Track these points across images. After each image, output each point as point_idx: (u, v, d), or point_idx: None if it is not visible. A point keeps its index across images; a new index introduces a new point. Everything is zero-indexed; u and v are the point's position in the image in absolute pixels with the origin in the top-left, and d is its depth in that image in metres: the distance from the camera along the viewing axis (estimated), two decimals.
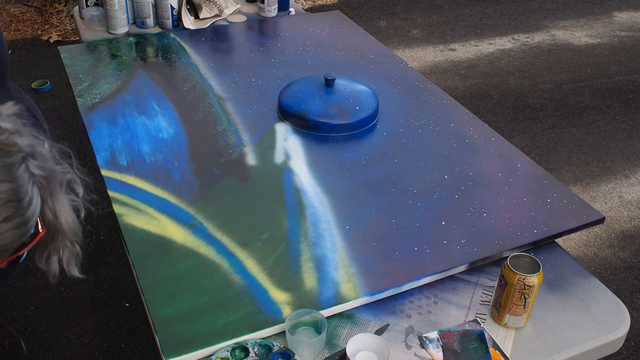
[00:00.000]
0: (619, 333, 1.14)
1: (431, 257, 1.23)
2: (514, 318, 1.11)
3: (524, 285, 1.06)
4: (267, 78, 1.85)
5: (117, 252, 2.46)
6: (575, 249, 2.61)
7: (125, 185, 1.37)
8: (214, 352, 1.03)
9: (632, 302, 2.37)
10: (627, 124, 3.52)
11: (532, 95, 3.77)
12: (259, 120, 1.64)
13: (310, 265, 1.20)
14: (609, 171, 3.12)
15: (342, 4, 4.84)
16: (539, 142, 3.31)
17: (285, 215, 1.32)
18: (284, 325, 1.05)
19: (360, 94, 1.69)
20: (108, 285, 2.30)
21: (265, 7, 2.28)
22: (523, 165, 1.52)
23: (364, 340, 1.03)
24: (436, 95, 1.82)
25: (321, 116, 1.60)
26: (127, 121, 1.59)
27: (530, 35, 4.55)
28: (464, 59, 4.16)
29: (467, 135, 1.63)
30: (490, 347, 1.08)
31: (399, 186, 1.42)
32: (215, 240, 1.24)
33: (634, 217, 2.82)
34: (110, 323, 2.15)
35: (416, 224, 1.31)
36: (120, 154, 1.47)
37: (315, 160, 1.50)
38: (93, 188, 0.95)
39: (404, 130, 1.64)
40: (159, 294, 1.12)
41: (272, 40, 2.10)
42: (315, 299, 1.13)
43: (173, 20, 2.13)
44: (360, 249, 1.24)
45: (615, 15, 4.98)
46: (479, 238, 1.28)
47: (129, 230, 1.25)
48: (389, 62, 2.00)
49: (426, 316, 1.14)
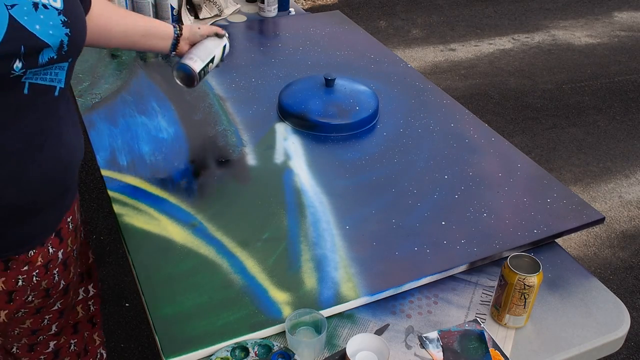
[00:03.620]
0: (619, 333, 1.14)
1: (431, 257, 1.23)
2: (514, 318, 1.11)
3: (524, 285, 1.06)
4: (267, 78, 1.85)
5: (117, 252, 2.46)
6: (575, 249, 2.62)
7: (125, 185, 1.37)
8: (214, 352, 1.03)
9: (632, 302, 2.37)
10: (627, 124, 3.53)
11: (532, 95, 3.77)
12: (259, 120, 1.64)
13: (310, 265, 1.20)
14: (609, 171, 3.12)
15: (342, 4, 4.85)
16: (539, 142, 3.31)
17: (285, 215, 1.32)
18: (284, 325, 1.05)
19: (360, 94, 1.69)
20: (108, 285, 2.30)
21: (265, 7, 2.28)
22: (523, 165, 1.52)
23: (364, 340, 1.03)
24: (436, 95, 1.82)
25: (321, 116, 1.60)
26: (127, 121, 1.59)
27: (530, 35, 4.55)
28: (464, 59, 4.16)
29: (467, 135, 1.63)
30: (490, 347, 1.08)
31: (399, 186, 1.42)
32: (215, 240, 1.24)
33: (634, 217, 2.82)
34: (110, 323, 2.15)
35: (416, 224, 1.31)
36: (120, 154, 1.47)
37: (315, 160, 1.50)
38: None
39: (404, 130, 1.64)
40: (159, 294, 1.12)
41: (272, 40, 2.10)
42: (315, 299, 1.13)
43: (173, 20, 2.13)
44: (360, 249, 1.24)
45: (615, 15, 4.99)
46: (479, 238, 1.28)
47: (129, 230, 1.25)
48: (389, 62, 2.00)
49: (426, 316, 1.14)
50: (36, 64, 0.90)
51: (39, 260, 1.07)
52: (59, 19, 0.93)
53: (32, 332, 1.17)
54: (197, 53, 1.41)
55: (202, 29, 1.43)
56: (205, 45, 1.43)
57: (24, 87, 0.90)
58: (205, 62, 1.41)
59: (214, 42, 1.45)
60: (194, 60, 1.39)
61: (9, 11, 0.86)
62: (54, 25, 0.92)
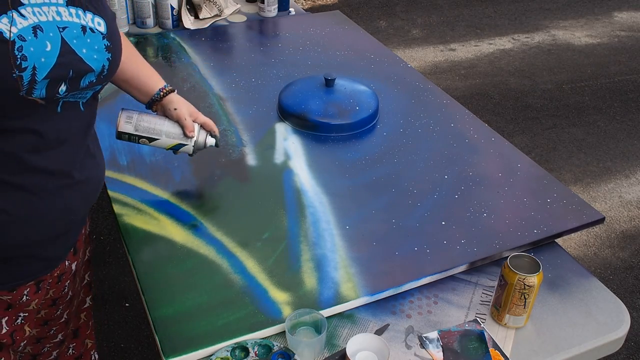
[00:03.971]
0: (619, 333, 1.14)
1: (431, 257, 1.23)
2: (514, 318, 1.11)
3: (524, 285, 1.06)
4: (267, 78, 1.85)
5: (117, 252, 2.46)
6: (575, 249, 2.62)
7: (125, 185, 1.37)
8: (214, 352, 1.03)
9: (632, 302, 2.37)
10: (627, 124, 3.53)
11: (532, 95, 3.77)
12: (259, 120, 1.64)
13: (310, 265, 1.20)
14: (609, 171, 3.12)
15: (342, 4, 4.85)
16: (539, 142, 3.31)
17: (285, 215, 1.32)
18: (284, 325, 1.05)
19: (360, 94, 1.69)
20: (108, 285, 2.30)
21: (265, 7, 2.28)
22: (523, 165, 1.52)
23: (364, 340, 1.03)
24: (436, 95, 1.82)
25: (321, 116, 1.60)
26: None
27: (530, 35, 4.55)
28: (464, 59, 4.16)
29: (467, 135, 1.63)
30: (490, 347, 1.08)
31: (399, 186, 1.42)
32: (215, 240, 1.24)
33: (634, 217, 2.82)
34: (110, 323, 2.15)
35: (416, 224, 1.31)
36: (120, 154, 1.47)
37: (315, 160, 1.50)
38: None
39: (404, 130, 1.64)
40: (159, 294, 1.12)
41: (272, 40, 2.10)
42: (315, 299, 1.13)
43: (173, 20, 2.13)
44: (360, 249, 1.24)
45: (615, 15, 4.99)
46: (479, 238, 1.28)
47: (129, 230, 1.25)
48: (389, 62, 2.00)
49: (426, 316, 1.14)
50: (77, 87, 0.90)
51: (56, 273, 1.08)
52: (103, 44, 0.93)
53: (36, 341, 1.16)
54: (142, 122, 1.27)
55: (178, 111, 1.27)
56: (159, 125, 1.28)
57: (58, 105, 0.90)
58: (137, 132, 1.27)
59: (172, 131, 1.28)
60: (127, 122, 1.27)
61: (61, 34, 0.86)
62: (98, 50, 0.92)
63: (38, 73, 0.83)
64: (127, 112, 1.28)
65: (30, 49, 0.82)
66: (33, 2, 0.84)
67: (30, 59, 0.81)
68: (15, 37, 0.80)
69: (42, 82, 0.84)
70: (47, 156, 0.91)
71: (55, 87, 0.86)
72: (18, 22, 0.81)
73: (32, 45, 0.82)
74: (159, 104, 1.30)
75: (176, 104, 1.29)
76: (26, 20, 0.82)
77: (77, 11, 0.90)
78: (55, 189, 0.95)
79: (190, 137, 1.30)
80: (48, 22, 0.85)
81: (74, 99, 0.93)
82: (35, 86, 0.83)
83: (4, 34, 0.80)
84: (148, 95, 1.28)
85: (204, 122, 1.32)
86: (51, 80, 0.85)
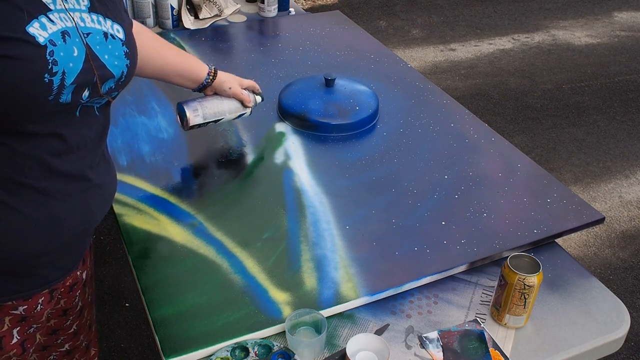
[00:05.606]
0: (619, 333, 1.14)
1: (431, 257, 1.23)
2: (514, 318, 1.11)
3: (524, 285, 1.06)
4: (267, 78, 1.85)
5: (117, 252, 2.47)
6: (575, 249, 2.62)
7: (125, 185, 1.37)
8: (214, 352, 1.03)
9: (632, 302, 2.37)
10: (627, 124, 3.53)
11: (532, 95, 3.77)
12: (259, 120, 1.64)
13: (310, 265, 1.20)
14: (609, 171, 3.12)
15: (342, 4, 4.85)
16: (539, 142, 3.31)
17: (285, 215, 1.32)
18: (284, 325, 1.05)
19: (360, 94, 1.69)
20: (108, 285, 2.30)
21: (265, 7, 2.28)
22: (523, 165, 1.52)
23: (364, 340, 1.03)
24: (436, 95, 1.82)
25: (321, 116, 1.60)
26: (127, 121, 1.59)
27: (530, 35, 4.55)
28: (464, 59, 4.16)
29: (467, 135, 1.63)
30: (490, 347, 1.08)
31: (399, 186, 1.42)
32: (215, 240, 1.24)
33: (634, 217, 2.82)
34: (110, 323, 2.15)
35: (416, 224, 1.31)
36: (120, 154, 1.47)
37: (315, 160, 1.50)
38: None
39: (404, 130, 1.64)
40: (159, 294, 1.12)
41: (272, 40, 2.10)
42: (315, 299, 1.13)
43: (173, 20, 2.13)
44: (360, 249, 1.24)
45: (615, 15, 4.99)
46: (479, 238, 1.28)
47: (129, 230, 1.25)
48: (389, 62, 2.00)
49: (426, 316, 1.14)
50: (98, 93, 0.91)
51: (68, 282, 1.08)
52: (122, 50, 0.94)
53: (42, 348, 1.16)
54: (206, 109, 1.40)
55: (233, 89, 1.42)
56: (220, 106, 1.42)
57: (77, 110, 0.91)
58: (206, 120, 1.41)
59: (233, 107, 1.44)
60: (195, 115, 1.39)
61: (85, 40, 0.87)
62: (118, 56, 0.93)
63: (67, 78, 0.83)
64: (189, 106, 1.39)
65: (60, 54, 0.82)
66: (59, 7, 0.85)
67: (60, 63, 0.82)
68: (47, 41, 0.81)
69: (70, 87, 0.84)
70: (68, 160, 0.92)
71: (80, 93, 0.87)
72: (48, 27, 0.82)
73: (62, 50, 0.83)
74: (209, 88, 1.41)
75: (228, 82, 1.42)
76: (55, 26, 0.83)
77: (99, 17, 0.91)
78: (76, 193, 0.95)
79: (249, 106, 1.47)
80: (73, 28, 0.86)
81: (90, 104, 0.93)
82: (63, 91, 0.84)
83: (37, 39, 0.80)
84: (196, 82, 1.39)
85: (249, 85, 1.48)
86: (77, 86, 0.85)
